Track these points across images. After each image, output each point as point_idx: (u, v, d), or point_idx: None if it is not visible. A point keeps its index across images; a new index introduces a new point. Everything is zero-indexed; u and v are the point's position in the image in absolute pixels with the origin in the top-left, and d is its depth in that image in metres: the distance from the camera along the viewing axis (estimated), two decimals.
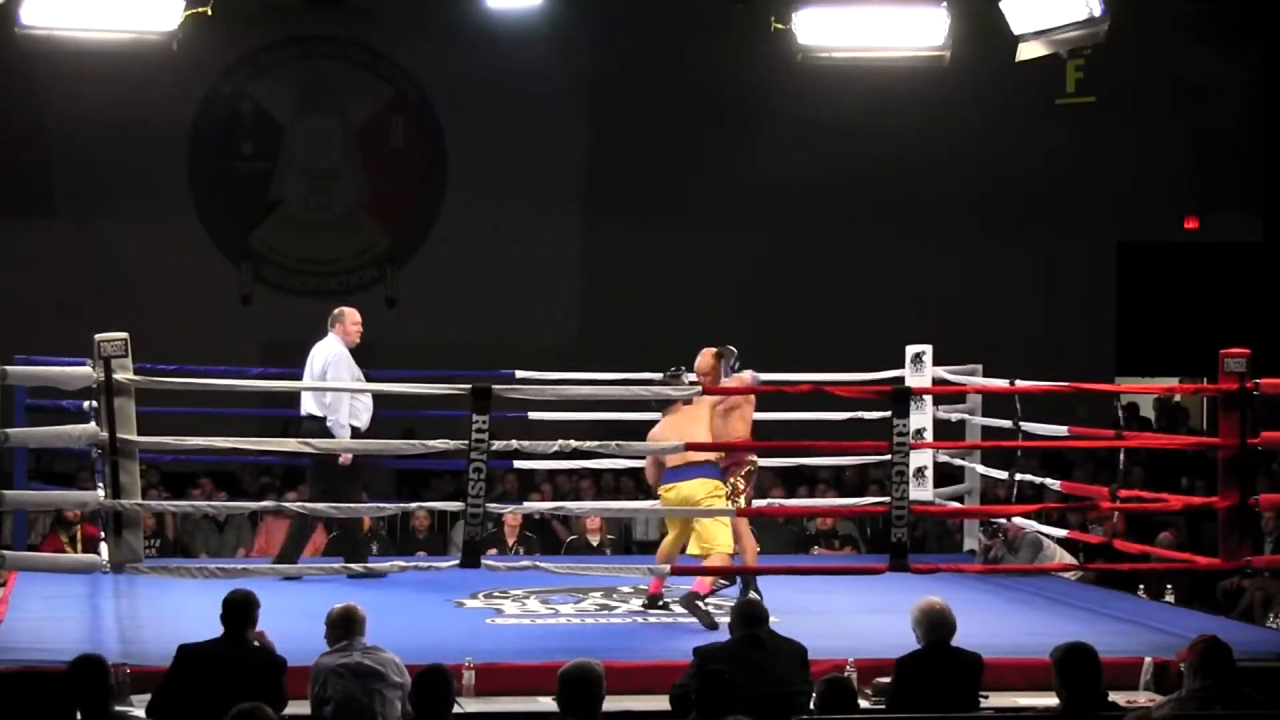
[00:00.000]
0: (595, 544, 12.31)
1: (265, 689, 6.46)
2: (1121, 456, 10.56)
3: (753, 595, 9.41)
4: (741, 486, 9.39)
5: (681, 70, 16.51)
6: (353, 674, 6.71)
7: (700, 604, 8.84)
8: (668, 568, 9.02)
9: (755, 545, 9.65)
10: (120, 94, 15.09)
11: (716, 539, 9.03)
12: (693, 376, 9.37)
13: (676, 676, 7.01)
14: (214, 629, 6.99)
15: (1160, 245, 17.80)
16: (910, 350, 11.56)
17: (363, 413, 10.23)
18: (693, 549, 9.11)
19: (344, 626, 6.90)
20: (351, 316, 10.40)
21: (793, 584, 9.68)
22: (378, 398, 10.42)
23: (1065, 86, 11.57)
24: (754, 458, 9.51)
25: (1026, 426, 10.50)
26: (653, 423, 9.55)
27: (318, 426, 10.10)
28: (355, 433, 10.16)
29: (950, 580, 9.45)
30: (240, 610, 6.94)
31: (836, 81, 13.82)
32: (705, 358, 9.48)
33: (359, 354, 10.48)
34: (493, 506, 8.32)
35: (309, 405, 10.22)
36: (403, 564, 8.90)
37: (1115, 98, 15.91)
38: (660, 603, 9.29)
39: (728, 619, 7.42)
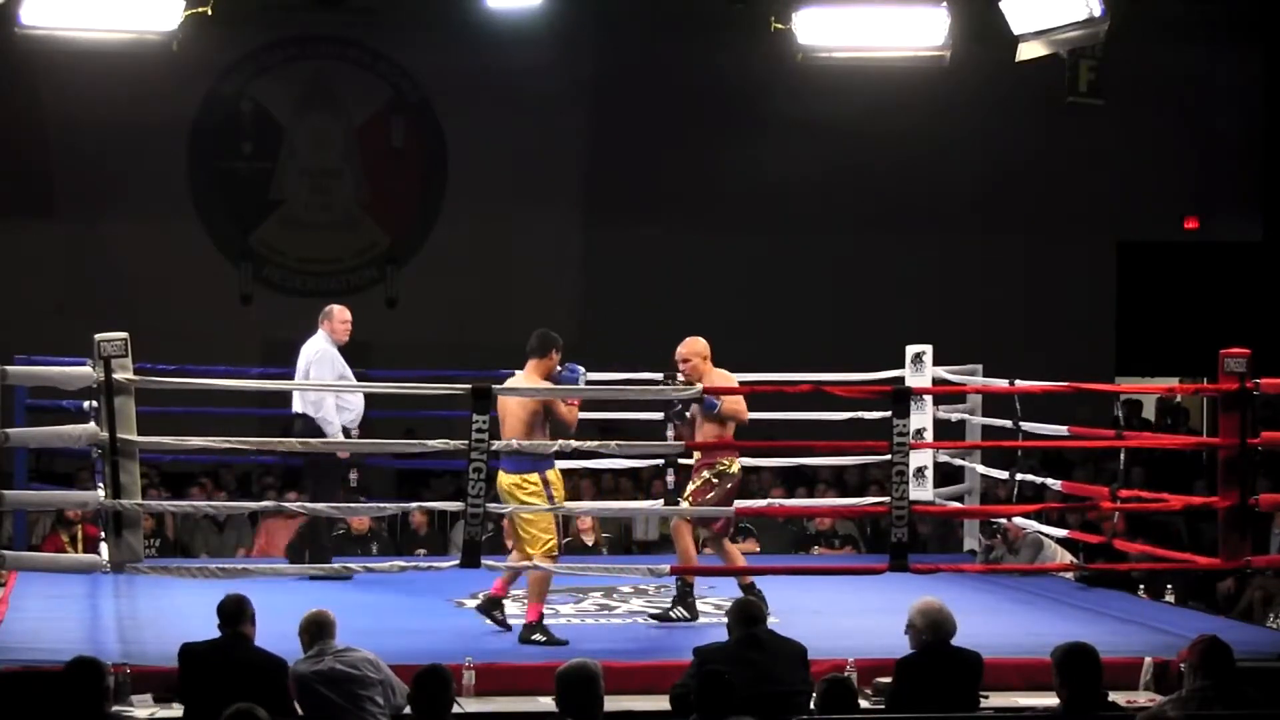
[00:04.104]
0: (590, 544, 12.28)
1: (268, 690, 6.47)
2: (1122, 456, 10.55)
3: (674, 611, 9.08)
4: (701, 484, 9.02)
5: (682, 70, 16.51)
6: (328, 682, 6.71)
7: (536, 635, 8.38)
8: (666, 568, 8.95)
9: (694, 552, 9.16)
10: (120, 94, 15.09)
11: (535, 540, 8.52)
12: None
13: (676, 676, 7.01)
14: (214, 629, 7.01)
15: (1160, 245, 17.79)
16: (910, 350, 11.55)
17: (346, 412, 10.11)
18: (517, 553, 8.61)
19: (315, 632, 6.91)
20: (340, 315, 10.31)
21: (793, 584, 9.67)
22: (377, 397, 10.38)
23: (1077, 85, 11.51)
24: (725, 461, 9.03)
25: (1026, 426, 10.50)
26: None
27: (304, 424, 10.07)
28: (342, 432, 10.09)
29: (950, 580, 9.43)
30: (232, 616, 6.96)
31: (836, 81, 13.80)
32: (695, 342, 9.08)
33: (354, 353, 10.45)
34: (493, 507, 8.30)
35: (297, 403, 10.19)
36: (403, 564, 8.88)
37: (1115, 98, 15.88)
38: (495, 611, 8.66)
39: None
